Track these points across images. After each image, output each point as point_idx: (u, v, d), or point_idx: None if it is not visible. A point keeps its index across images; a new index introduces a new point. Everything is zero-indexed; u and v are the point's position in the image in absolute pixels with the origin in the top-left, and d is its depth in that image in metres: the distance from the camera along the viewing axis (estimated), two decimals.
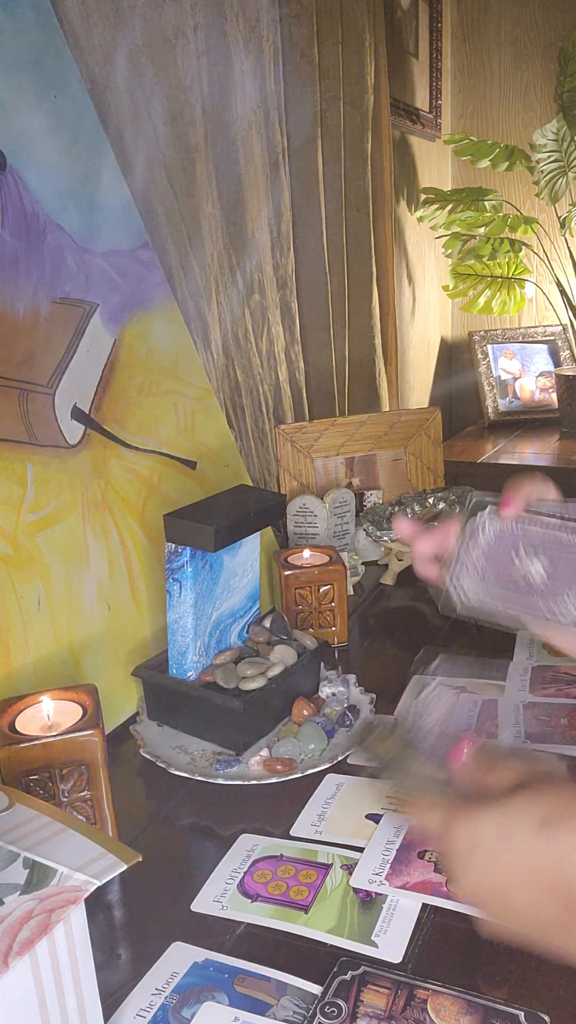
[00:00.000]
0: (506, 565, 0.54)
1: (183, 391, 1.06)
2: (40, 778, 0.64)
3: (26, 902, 0.42)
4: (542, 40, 2.22)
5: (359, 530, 1.26)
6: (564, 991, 0.53)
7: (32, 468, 0.84)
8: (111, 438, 0.95)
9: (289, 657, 0.86)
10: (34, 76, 0.91)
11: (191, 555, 0.81)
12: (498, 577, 0.54)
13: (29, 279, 0.88)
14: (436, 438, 1.36)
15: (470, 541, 0.56)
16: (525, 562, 0.54)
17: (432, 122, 2.22)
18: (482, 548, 0.55)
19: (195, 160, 1.21)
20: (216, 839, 0.70)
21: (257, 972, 0.55)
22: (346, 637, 1.04)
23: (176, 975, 0.55)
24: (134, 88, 1.10)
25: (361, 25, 1.60)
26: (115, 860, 0.45)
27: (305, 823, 0.70)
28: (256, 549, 0.91)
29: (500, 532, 0.55)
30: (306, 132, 1.49)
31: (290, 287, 1.47)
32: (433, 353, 2.44)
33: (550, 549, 0.53)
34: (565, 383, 2.10)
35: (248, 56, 1.29)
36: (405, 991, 0.53)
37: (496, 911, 0.46)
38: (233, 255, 1.33)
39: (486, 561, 0.55)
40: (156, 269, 1.05)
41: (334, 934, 0.58)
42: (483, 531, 0.55)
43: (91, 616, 0.87)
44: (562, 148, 2.01)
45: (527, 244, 2.10)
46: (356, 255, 1.71)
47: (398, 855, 0.65)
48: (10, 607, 0.79)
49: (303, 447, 1.30)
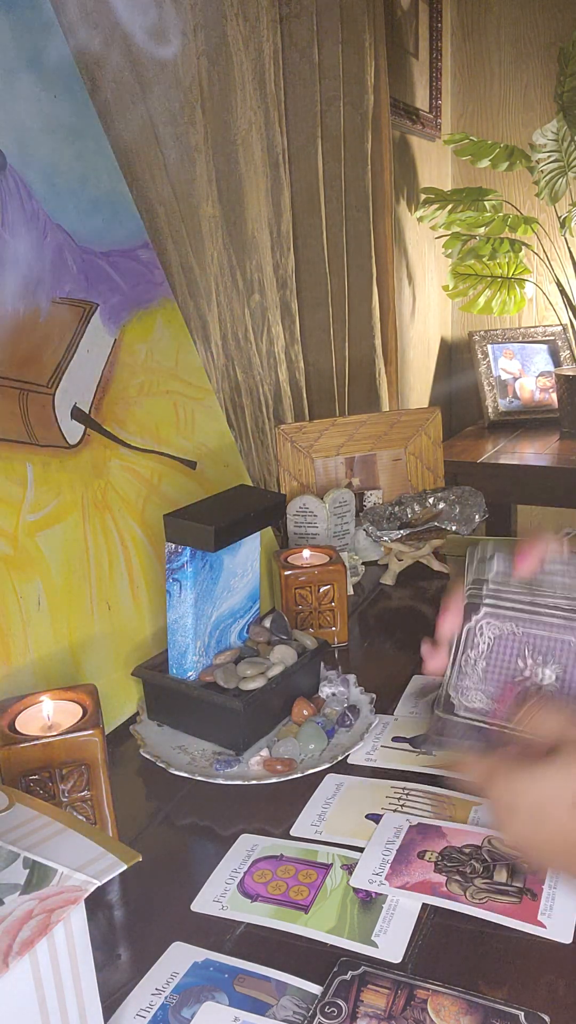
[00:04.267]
0: (511, 671, 0.52)
1: (183, 391, 1.06)
2: (40, 778, 0.64)
3: (26, 902, 0.42)
4: (542, 40, 2.22)
5: (359, 530, 1.26)
6: (564, 991, 0.53)
7: (32, 468, 0.84)
8: (111, 438, 0.95)
9: (289, 657, 0.86)
10: (34, 76, 0.91)
11: (191, 555, 0.82)
12: (502, 681, 0.52)
13: (29, 279, 0.88)
14: (436, 438, 1.36)
15: (469, 647, 0.53)
16: (534, 671, 0.52)
17: (432, 122, 2.22)
18: (482, 651, 0.53)
19: (195, 160, 1.21)
20: (216, 839, 0.70)
21: (257, 972, 0.55)
22: (346, 637, 1.04)
23: (176, 975, 0.55)
24: (134, 88, 1.11)
25: (361, 25, 1.60)
26: (115, 860, 0.45)
27: (305, 823, 0.70)
28: (256, 549, 0.91)
29: (500, 635, 0.53)
30: (306, 132, 1.49)
31: (290, 287, 1.47)
32: (433, 353, 2.44)
33: (561, 656, 0.51)
34: (565, 383, 2.10)
35: (248, 56, 1.29)
36: (405, 991, 0.53)
37: (529, 823, 0.50)
38: (233, 255, 1.33)
39: (487, 665, 0.53)
40: (156, 269, 1.05)
41: (334, 934, 0.58)
42: (482, 635, 0.53)
43: (91, 616, 0.87)
44: (562, 148, 2.01)
45: (527, 244, 2.10)
46: (356, 255, 1.71)
47: (398, 855, 0.65)
48: (10, 607, 0.79)
49: (303, 447, 1.30)
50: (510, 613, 0.53)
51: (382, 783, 0.75)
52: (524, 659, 0.52)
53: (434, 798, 0.72)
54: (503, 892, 0.60)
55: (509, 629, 0.53)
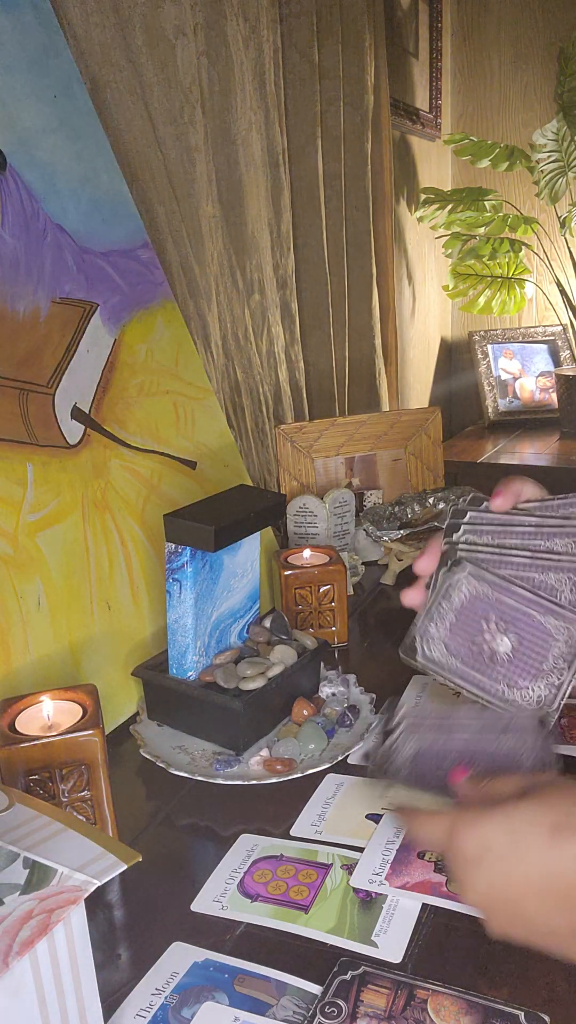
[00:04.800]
0: (474, 631, 0.54)
1: (183, 391, 1.06)
2: (40, 778, 0.64)
3: (26, 902, 0.42)
4: (542, 40, 2.22)
5: (359, 530, 1.26)
6: (564, 991, 0.53)
7: (32, 468, 0.84)
8: (111, 438, 0.95)
9: (289, 657, 0.86)
10: (34, 76, 0.91)
11: (191, 555, 0.81)
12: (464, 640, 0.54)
13: (29, 279, 0.88)
14: (436, 438, 1.36)
15: (444, 598, 0.55)
16: (494, 635, 0.54)
17: (432, 122, 2.23)
18: (455, 606, 0.55)
19: (195, 160, 1.21)
20: (216, 839, 0.70)
21: (257, 972, 0.55)
22: (346, 637, 1.04)
23: (176, 975, 0.55)
24: (134, 88, 1.11)
25: (361, 25, 1.60)
26: (115, 860, 0.45)
27: (305, 823, 0.70)
28: (256, 549, 0.91)
29: (475, 595, 0.54)
30: (306, 132, 1.49)
31: (290, 287, 1.47)
32: (433, 353, 2.44)
33: (522, 628, 0.53)
34: (565, 383, 2.10)
35: (248, 56, 1.29)
36: (405, 991, 0.53)
37: (507, 918, 0.45)
38: (233, 255, 1.33)
39: (456, 619, 0.55)
40: (156, 269, 1.05)
41: (334, 934, 0.58)
42: (459, 590, 0.55)
43: (91, 616, 0.87)
44: (562, 148, 2.01)
45: (527, 244, 2.10)
46: (356, 255, 1.71)
47: (398, 855, 0.65)
48: (10, 607, 0.79)
49: (303, 447, 1.30)
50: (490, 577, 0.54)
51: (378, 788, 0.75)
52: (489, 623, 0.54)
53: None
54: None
55: (485, 592, 0.54)
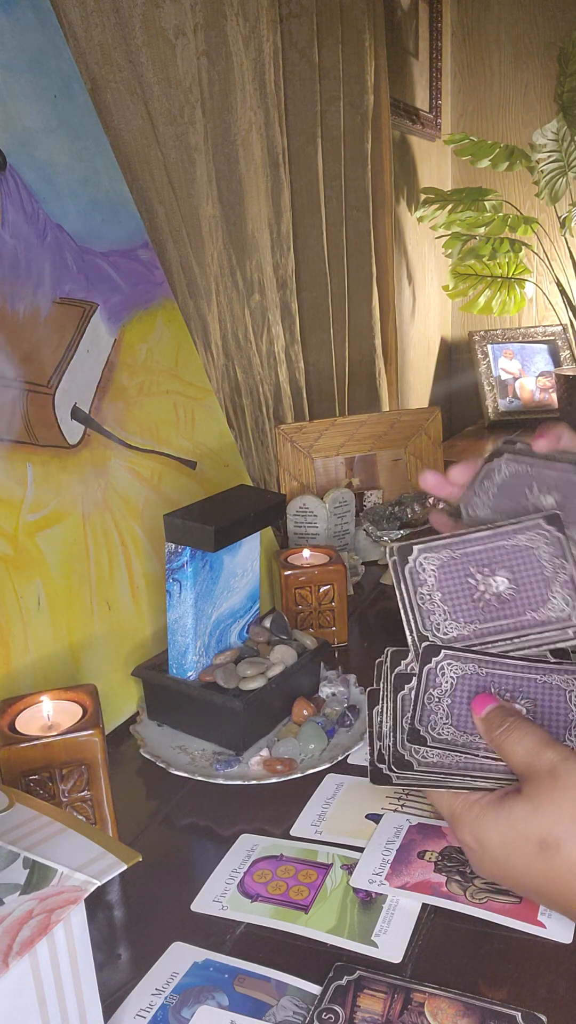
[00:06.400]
0: (518, 494, 0.56)
1: (183, 391, 1.06)
2: (40, 778, 0.64)
3: (26, 902, 0.42)
4: (542, 40, 2.22)
5: (359, 530, 1.25)
6: (564, 991, 0.53)
7: (32, 468, 0.84)
8: (111, 438, 0.95)
9: (289, 657, 0.86)
10: (34, 76, 0.91)
11: (191, 555, 0.81)
12: (509, 503, 0.56)
13: (29, 279, 0.88)
14: (436, 438, 1.36)
15: (485, 478, 0.58)
16: (539, 496, 0.56)
17: (432, 122, 2.23)
18: (497, 482, 0.57)
19: (195, 160, 1.21)
20: (216, 839, 0.70)
21: (257, 972, 0.55)
22: (346, 637, 1.04)
23: (176, 975, 0.55)
24: (134, 88, 1.11)
25: (361, 25, 1.60)
26: (115, 860, 0.45)
27: (305, 823, 0.70)
28: (256, 549, 0.91)
29: (516, 472, 0.57)
30: (306, 132, 1.49)
31: (290, 287, 1.47)
32: (433, 353, 2.44)
33: (564, 488, 0.55)
34: (565, 383, 2.10)
35: (248, 56, 1.29)
36: (402, 995, 0.53)
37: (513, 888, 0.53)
38: (233, 255, 1.33)
39: (498, 491, 0.57)
40: (156, 269, 1.05)
41: (334, 934, 0.58)
42: (499, 472, 0.57)
43: (91, 616, 0.87)
44: (562, 148, 2.01)
45: (527, 244, 2.10)
46: (356, 255, 1.71)
47: (398, 855, 0.65)
48: (10, 607, 0.79)
49: (303, 447, 1.30)
50: (529, 459, 0.57)
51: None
52: (532, 489, 0.56)
53: None
54: (503, 892, 0.60)
55: (526, 468, 0.57)
